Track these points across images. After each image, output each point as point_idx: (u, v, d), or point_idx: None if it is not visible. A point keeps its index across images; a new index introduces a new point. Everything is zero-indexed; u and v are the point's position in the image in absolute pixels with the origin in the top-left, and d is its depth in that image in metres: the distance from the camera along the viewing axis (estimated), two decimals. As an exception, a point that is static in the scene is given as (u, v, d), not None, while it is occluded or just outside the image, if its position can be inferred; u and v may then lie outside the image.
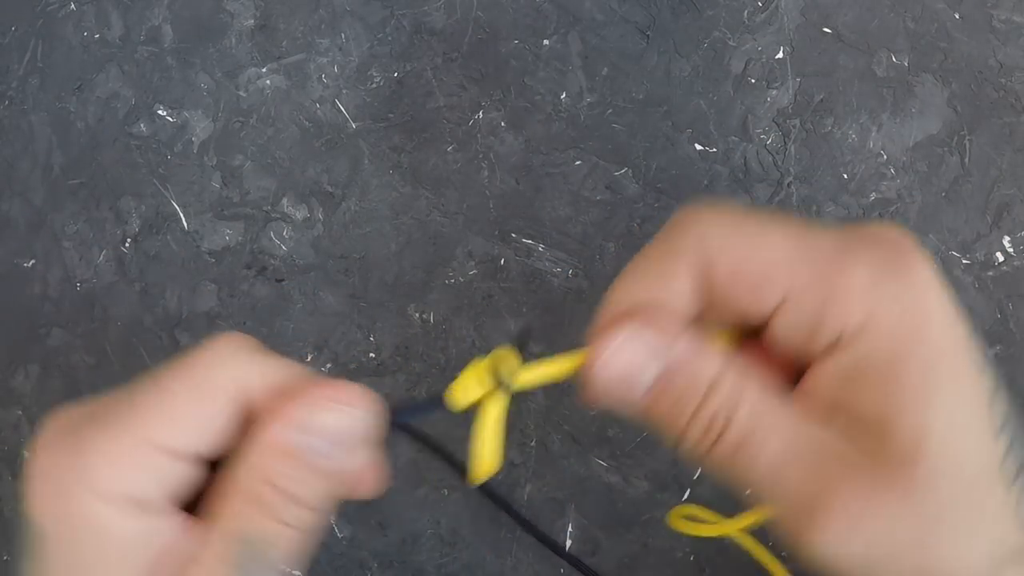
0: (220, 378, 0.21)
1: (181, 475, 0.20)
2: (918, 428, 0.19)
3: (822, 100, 0.40)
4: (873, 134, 0.39)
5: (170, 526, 0.20)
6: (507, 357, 0.23)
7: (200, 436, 0.20)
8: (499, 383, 0.23)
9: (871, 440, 0.20)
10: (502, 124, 0.40)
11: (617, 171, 0.40)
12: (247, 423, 0.21)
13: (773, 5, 0.40)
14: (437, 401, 0.23)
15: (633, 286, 0.22)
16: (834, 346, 0.20)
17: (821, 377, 0.21)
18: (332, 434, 0.21)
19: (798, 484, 0.20)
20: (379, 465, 0.24)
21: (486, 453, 0.23)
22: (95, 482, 0.19)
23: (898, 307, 0.20)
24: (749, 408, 0.21)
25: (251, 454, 0.20)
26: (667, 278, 0.22)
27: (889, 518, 0.19)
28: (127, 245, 0.41)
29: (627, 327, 0.21)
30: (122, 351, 0.41)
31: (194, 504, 0.21)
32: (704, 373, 0.21)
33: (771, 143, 0.40)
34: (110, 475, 0.19)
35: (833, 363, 0.21)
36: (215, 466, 0.21)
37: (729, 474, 0.22)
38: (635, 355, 0.21)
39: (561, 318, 0.40)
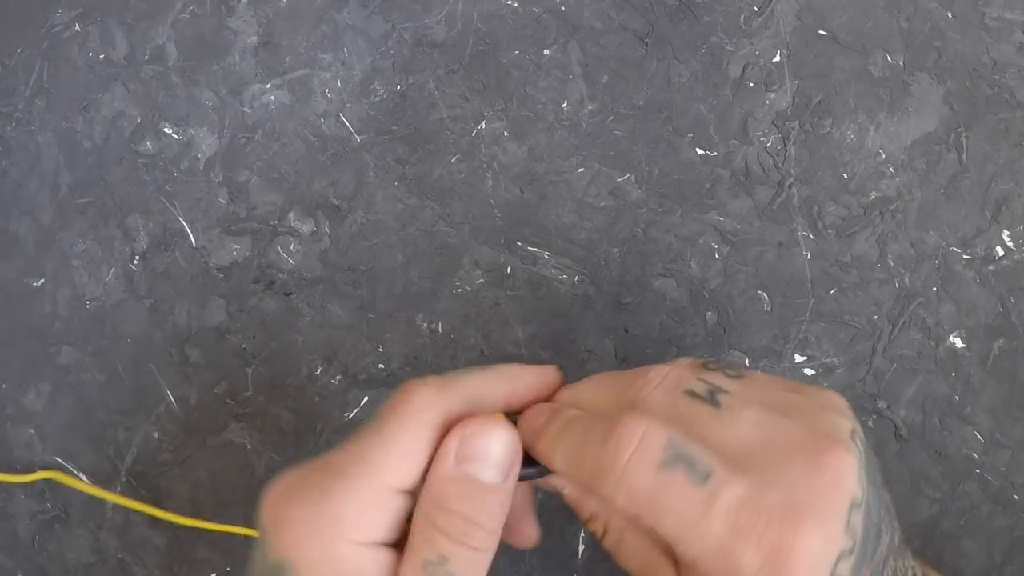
0: (427, 416, 0.24)
1: (405, 511, 0.24)
2: None
3: (820, 101, 0.40)
4: (871, 133, 0.40)
5: (390, 559, 0.23)
6: None
7: (420, 472, 0.24)
8: None
9: None
10: (505, 134, 0.41)
11: (620, 177, 0.41)
12: None
13: (769, 9, 0.40)
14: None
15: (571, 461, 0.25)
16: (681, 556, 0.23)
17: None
18: (487, 456, 0.24)
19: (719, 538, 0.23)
20: (532, 517, 0.30)
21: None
22: (349, 528, 0.22)
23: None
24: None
25: (427, 486, 0.24)
26: (591, 479, 0.24)
27: None
28: (135, 262, 0.41)
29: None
30: (133, 368, 0.41)
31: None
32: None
33: (771, 145, 0.40)
34: (360, 522, 0.23)
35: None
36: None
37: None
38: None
39: (569, 324, 0.41)
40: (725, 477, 0.22)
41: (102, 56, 0.41)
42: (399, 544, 0.24)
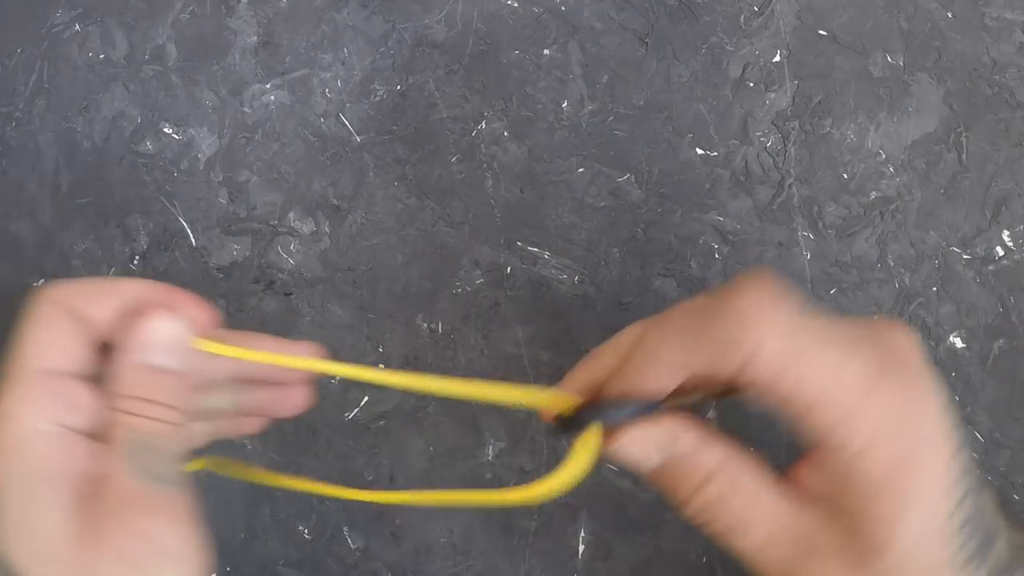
0: (60, 305, 0.26)
1: (75, 401, 0.25)
2: (892, 530, 0.23)
3: (820, 102, 0.40)
4: (871, 134, 0.40)
5: (85, 444, 0.25)
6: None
7: (69, 361, 0.25)
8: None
9: (847, 530, 0.23)
10: (505, 134, 0.41)
11: (620, 177, 0.41)
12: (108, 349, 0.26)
13: (769, 9, 0.40)
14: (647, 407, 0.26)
15: (684, 352, 0.25)
16: (833, 451, 0.24)
17: (813, 471, 0.25)
18: (156, 343, 0.26)
19: (779, 563, 0.24)
20: (301, 387, 0.31)
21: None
22: (21, 415, 0.24)
23: (899, 434, 0.23)
24: (741, 500, 0.25)
25: (113, 379, 0.26)
26: (717, 363, 0.24)
27: None
28: (136, 262, 0.41)
29: (634, 429, 0.26)
30: (132, 368, 0.41)
31: None
32: (702, 468, 0.25)
33: (771, 145, 0.40)
34: (30, 408, 0.24)
35: (829, 464, 0.24)
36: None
37: (721, 543, 0.25)
38: (644, 447, 0.26)
39: (569, 324, 0.41)
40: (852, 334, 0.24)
41: (102, 56, 0.41)
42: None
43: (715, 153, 0.40)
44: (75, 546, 0.23)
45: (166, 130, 0.41)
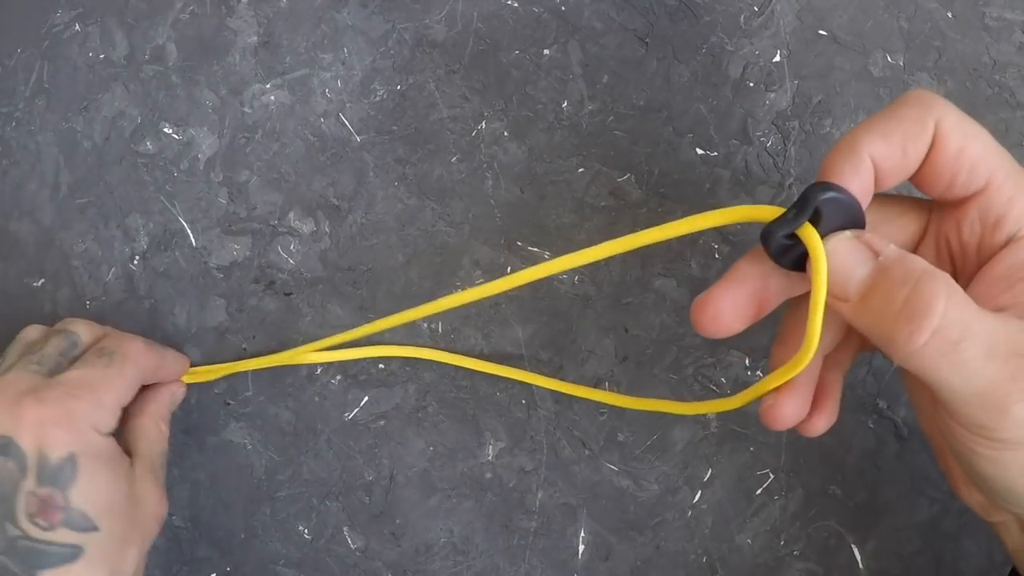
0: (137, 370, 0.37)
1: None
2: None
3: (820, 101, 0.40)
4: (871, 134, 0.40)
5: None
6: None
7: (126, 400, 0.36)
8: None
9: None
10: (505, 134, 0.41)
11: (620, 177, 0.41)
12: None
13: (769, 9, 0.40)
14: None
15: (880, 137, 0.25)
16: (1011, 241, 0.24)
17: (996, 271, 0.25)
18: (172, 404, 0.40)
19: (995, 382, 0.22)
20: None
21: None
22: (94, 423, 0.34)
23: None
24: (958, 310, 0.23)
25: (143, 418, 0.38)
26: (911, 140, 0.25)
27: None
28: (136, 262, 0.41)
29: (846, 235, 0.25)
30: (132, 368, 0.41)
31: None
32: (915, 266, 0.23)
33: (771, 145, 0.40)
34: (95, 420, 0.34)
35: (1009, 257, 0.24)
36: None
37: (930, 372, 0.23)
38: (850, 253, 0.25)
39: (569, 324, 0.41)
40: None
41: (102, 56, 0.41)
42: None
43: (715, 153, 0.40)
44: None
45: (166, 130, 0.41)
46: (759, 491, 0.41)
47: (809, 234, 0.26)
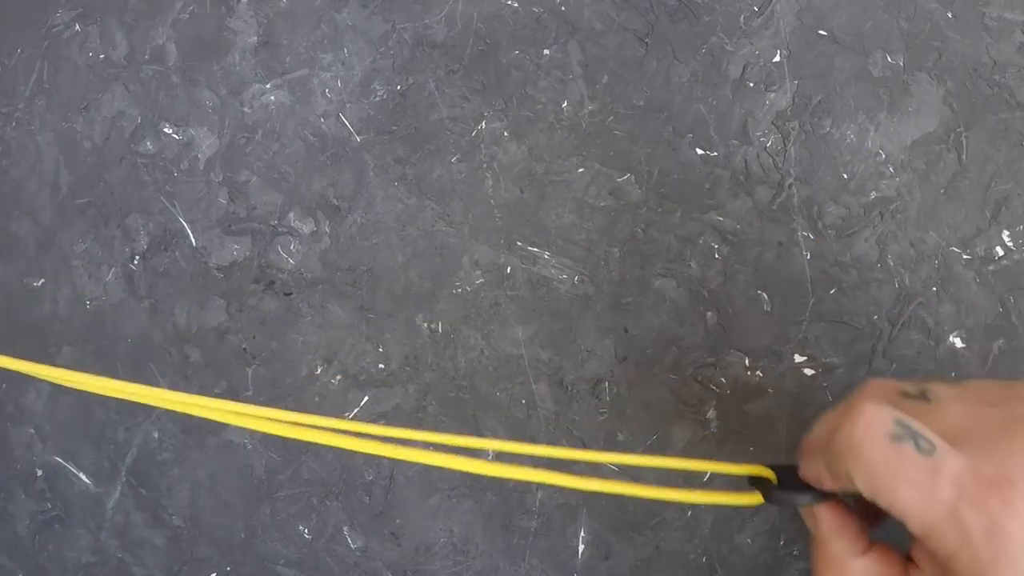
0: None
1: None
2: None
3: (820, 102, 0.40)
4: (871, 134, 0.40)
5: None
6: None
7: None
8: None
9: None
10: (505, 134, 0.41)
11: (620, 177, 0.41)
12: None
13: (769, 9, 0.40)
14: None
15: (815, 462, 0.30)
16: (929, 552, 0.26)
17: (923, 558, 0.28)
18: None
19: None
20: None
21: None
22: None
23: (988, 542, 0.25)
24: None
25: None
26: (837, 480, 0.29)
27: None
28: (135, 262, 0.41)
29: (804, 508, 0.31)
30: (132, 368, 0.41)
31: None
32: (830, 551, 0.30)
33: (771, 145, 0.40)
34: None
35: (929, 560, 0.27)
36: None
37: None
38: (809, 520, 0.31)
39: (569, 324, 0.41)
40: (947, 450, 0.26)
41: (102, 56, 0.41)
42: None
43: (715, 153, 0.40)
44: None
45: (166, 130, 0.41)
46: (759, 491, 0.41)
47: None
